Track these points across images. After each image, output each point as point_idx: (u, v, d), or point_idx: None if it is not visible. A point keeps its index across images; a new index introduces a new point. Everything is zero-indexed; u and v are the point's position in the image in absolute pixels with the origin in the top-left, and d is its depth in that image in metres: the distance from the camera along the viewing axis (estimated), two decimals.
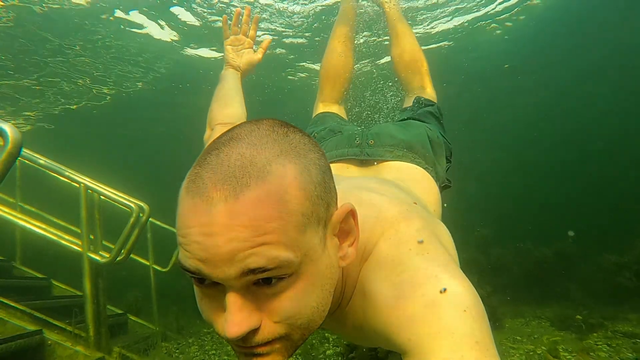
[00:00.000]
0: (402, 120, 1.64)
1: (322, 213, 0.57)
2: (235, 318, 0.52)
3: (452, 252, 0.74)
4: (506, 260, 6.61)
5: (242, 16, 1.60)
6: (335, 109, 2.01)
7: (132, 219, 2.79)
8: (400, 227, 0.71)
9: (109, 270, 3.23)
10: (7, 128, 1.36)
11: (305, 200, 0.54)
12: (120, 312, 4.19)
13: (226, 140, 0.55)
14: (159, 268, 4.64)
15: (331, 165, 1.00)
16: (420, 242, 0.67)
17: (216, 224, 0.49)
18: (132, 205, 2.84)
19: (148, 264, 4.45)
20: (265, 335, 0.55)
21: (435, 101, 1.88)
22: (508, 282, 5.75)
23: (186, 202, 0.53)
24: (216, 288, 0.54)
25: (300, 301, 0.55)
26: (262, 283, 0.53)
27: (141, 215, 2.87)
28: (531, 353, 3.22)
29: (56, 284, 4.13)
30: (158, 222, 4.51)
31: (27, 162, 2.81)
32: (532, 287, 5.69)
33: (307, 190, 0.54)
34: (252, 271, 0.50)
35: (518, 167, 15.37)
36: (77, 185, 2.77)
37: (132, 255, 3.58)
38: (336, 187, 0.64)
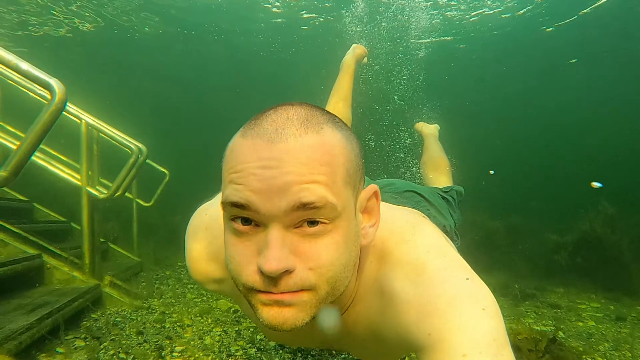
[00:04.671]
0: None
1: (357, 182, 0.62)
2: (276, 254, 0.53)
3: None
4: (460, 229, 7.16)
5: None
6: None
7: (131, 159, 2.89)
8: (418, 230, 0.76)
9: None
10: (53, 83, 1.45)
11: (349, 160, 0.59)
12: (102, 240, 4.36)
13: (280, 104, 0.61)
14: (141, 202, 4.78)
15: None
16: (437, 244, 0.72)
17: (275, 158, 0.53)
18: (132, 146, 2.93)
19: (131, 197, 4.57)
20: (297, 280, 0.56)
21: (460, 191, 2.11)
22: (460, 249, 6.32)
23: (244, 144, 0.56)
24: (256, 231, 0.57)
25: (335, 252, 0.57)
26: (305, 225, 0.55)
27: (140, 156, 2.98)
28: None
29: (38, 207, 4.20)
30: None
31: (29, 93, 2.81)
32: (481, 256, 6.28)
33: (350, 154, 0.60)
34: (303, 206, 0.53)
35: (481, 146, 16.02)
36: (79, 122, 2.81)
37: None
38: None
